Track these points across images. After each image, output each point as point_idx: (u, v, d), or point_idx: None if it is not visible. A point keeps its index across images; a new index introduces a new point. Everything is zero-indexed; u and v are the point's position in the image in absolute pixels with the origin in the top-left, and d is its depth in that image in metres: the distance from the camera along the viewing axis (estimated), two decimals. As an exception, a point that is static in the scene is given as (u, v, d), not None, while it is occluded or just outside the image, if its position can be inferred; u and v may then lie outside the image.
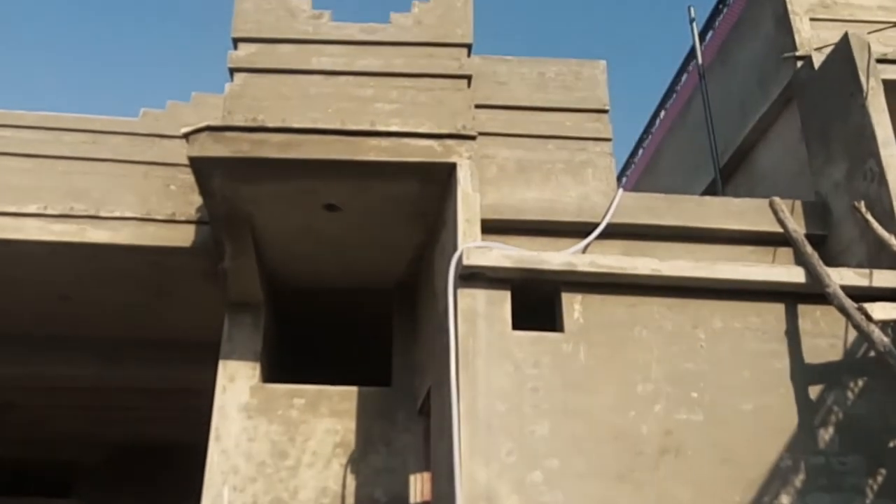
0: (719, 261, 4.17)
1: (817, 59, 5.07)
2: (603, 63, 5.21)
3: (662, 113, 8.19)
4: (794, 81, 5.27)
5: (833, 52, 4.86)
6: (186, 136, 4.34)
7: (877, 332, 3.53)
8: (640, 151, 8.87)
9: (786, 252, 4.54)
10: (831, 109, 4.82)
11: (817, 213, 4.74)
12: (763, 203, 4.64)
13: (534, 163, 4.81)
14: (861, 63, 4.60)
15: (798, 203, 4.74)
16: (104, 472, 9.99)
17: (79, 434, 9.32)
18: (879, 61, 4.66)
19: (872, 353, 3.72)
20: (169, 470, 9.32)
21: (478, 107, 4.76)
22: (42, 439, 9.41)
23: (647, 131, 8.65)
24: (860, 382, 3.82)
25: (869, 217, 4.10)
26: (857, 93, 4.56)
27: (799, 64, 5.25)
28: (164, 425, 8.73)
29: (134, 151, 5.61)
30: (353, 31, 4.80)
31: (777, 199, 4.61)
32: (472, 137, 4.44)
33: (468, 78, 4.67)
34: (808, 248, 4.14)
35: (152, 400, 7.76)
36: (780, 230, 4.47)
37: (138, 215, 5.32)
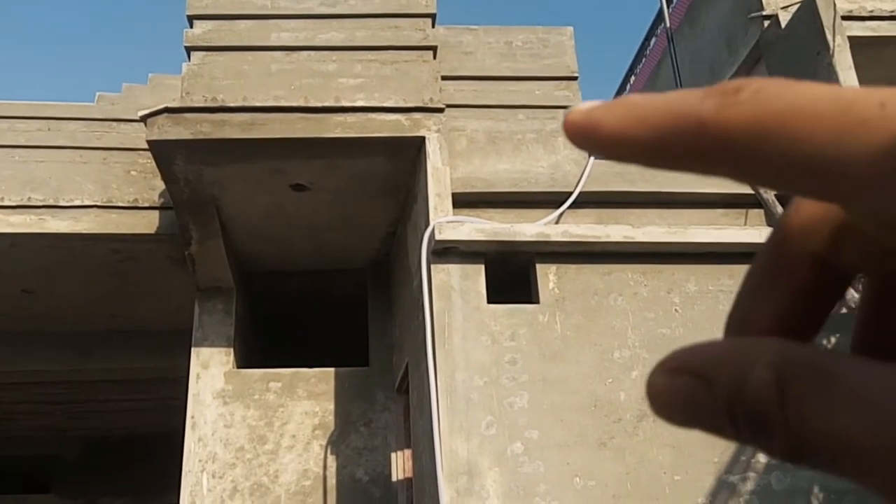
0: (692, 225, 4.17)
1: (784, 18, 5.05)
2: (570, 29, 5.13)
3: (632, 78, 8.15)
4: (761, 41, 5.25)
5: (799, 10, 4.84)
6: (144, 119, 4.19)
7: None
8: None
9: (757, 213, 4.56)
10: (799, 68, 4.81)
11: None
12: None
13: (504, 133, 4.74)
14: (827, 21, 4.58)
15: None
16: (82, 465, 9.87)
17: (54, 429, 9.18)
18: (845, 18, 4.65)
19: (844, 310, 3.76)
20: (147, 460, 9.24)
21: (445, 78, 4.67)
22: (17, 436, 9.25)
23: (617, 97, 8.61)
24: (832, 339, 3.86)
25: (838, 175, 4.12)
26: (823, 51, 4.55)
27: (766, 24, 5.22)
28: (139, 416, 8.62)
29: (91, 137, 5.43)
30: (312, 4, 4.65)
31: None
32: (440, 110, 4.35)
33: (434, 49, 4.57)
34: (779, 209, 4.15)
35: (126, 391, 7.64)
36: (751, 192, 4.47)
37: (99, 203, 5.16)
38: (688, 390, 0.17)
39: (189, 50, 4.47)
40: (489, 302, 3.75)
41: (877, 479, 0.15)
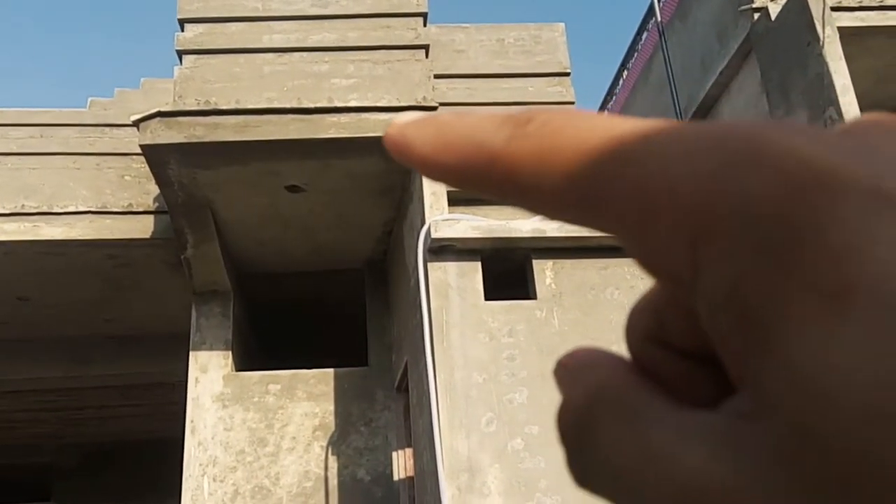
0: (687, 218, 4.18)
1: (774, 10, 5.06)
2: (562, 25, 5.15)
3: (625, 73, 8.16)
4: (751, 34, 5.27)
5: (788, 2, 4.86)
6: (137, 123, 4.19)
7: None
8: (605, 113, 8.85)
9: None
10: (789, 60, 4.83)
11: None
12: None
13: (497, 131, 4.75)
14: (816, 12, 4.60)
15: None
16: (82, 472, 9.84)
17: (54, 436, 9.15)
18: (834, 9, 4.67)
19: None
20: (147, 466, 9.22)
21: (437, 77, 4.67)
22: (16, 444, 9.22)
23: (610, 92, 8.62)
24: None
25: (831, 165, 4.14)
26: (813, 42, 4.56)
27: (756, 16, 5.24)
28: (138, 422, 8.60)
29: (84, 143, 5.42)
30: (304, 5, 4.65)
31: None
32: (434, 108, 4.35)
33: (426, 48, 4.57)
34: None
35: (125, 397, 7.63)
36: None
37: (93, 208, 5.15)
38: (561, 381, 0.18)
39: (181, 53, 4.46)
40: (486, 299, 3.75)
41: None
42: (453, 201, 4.15)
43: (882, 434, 0.11)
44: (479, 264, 3.81)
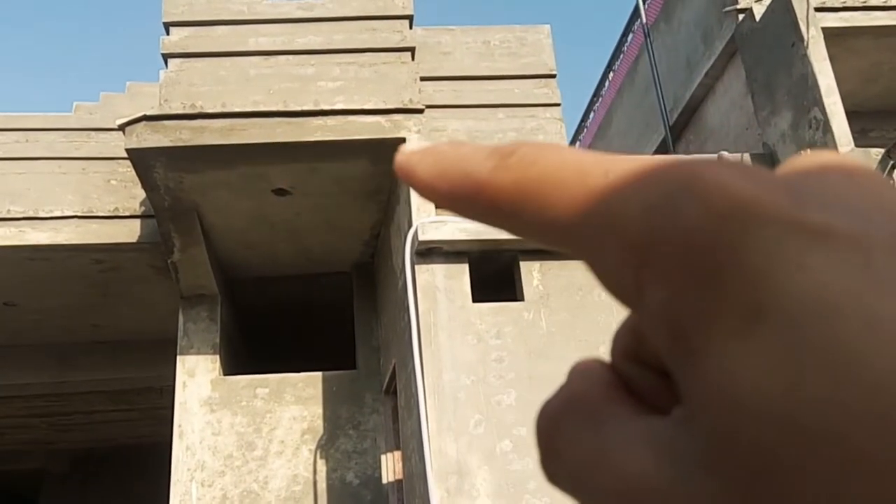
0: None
1: (758, 11, 5.09)
2: (547, 27, 5.16)
3: (611, 75, 8.19)
4: (736, 35, 5.30)
5: (772, 2, 4.89)
6: (122, 127, 4.17)
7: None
8: (592, 114, 8.88)
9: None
10: (774, 60, 4.86)
11: (765, 164, 4.80)
12: (712, 158, 4.67)
13: (484, 133, 4.76)
14: (800, 13, 4.63)
15: (746, 156, 4.79)
16: (71, 478, 9.78)
17: (41, 442, 9.09)
18: (818, 10, 4.70)
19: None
20: (136, 471, 9.18)
21: (424, 79, 4.67)
22: (5, 450, 9.15)
23: (596, 94, 8.65)
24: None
25: (815, 165, 4.16)
26: (797, 42, 4.60)
27: (741, 17, 5.27)
28: (127, 427, 8.56)
29: (70, 147, 5.39)
30: (289, 8, 4.65)
31: (725, 154, 4.65)
32: (420, 111, 4.36)
33: (412, 50, 4.57)
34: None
35: (112, 402, 7.59)
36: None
37: (79, 213, 5.12)
38: None
39: (166, 57, 4.44)
40: (474, 301, 3.76)
41: None
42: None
43: (786, 440, 0.13)
44: (466, 266, 3.81)
